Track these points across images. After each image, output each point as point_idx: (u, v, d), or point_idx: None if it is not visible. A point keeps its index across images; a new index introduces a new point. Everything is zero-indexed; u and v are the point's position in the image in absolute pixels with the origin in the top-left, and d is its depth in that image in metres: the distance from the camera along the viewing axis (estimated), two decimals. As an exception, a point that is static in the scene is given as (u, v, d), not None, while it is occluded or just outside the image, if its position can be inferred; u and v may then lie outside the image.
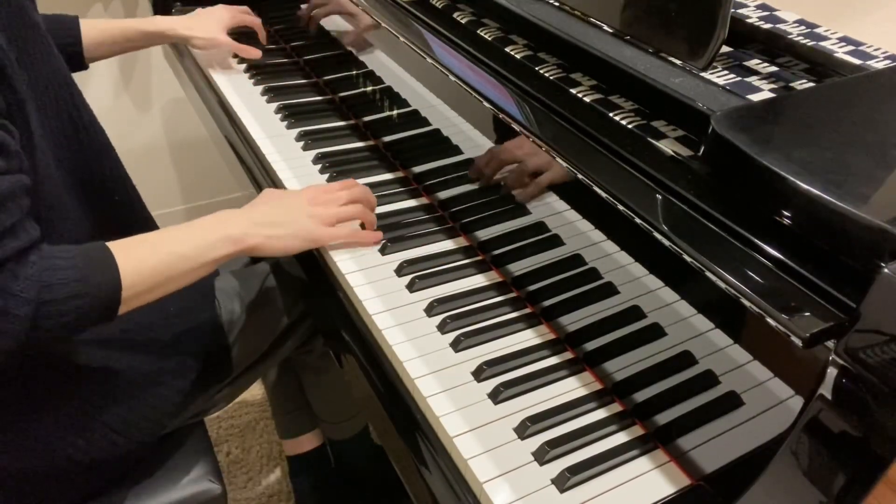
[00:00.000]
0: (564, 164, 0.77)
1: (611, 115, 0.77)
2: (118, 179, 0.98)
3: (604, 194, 0.71)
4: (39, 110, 0.82)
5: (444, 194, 1.04)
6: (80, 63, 1.18)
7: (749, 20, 0.87)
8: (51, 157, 0.83)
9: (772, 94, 0.74)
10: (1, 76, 0.72)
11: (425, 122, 1.08)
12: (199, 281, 1.04)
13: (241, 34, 1.39)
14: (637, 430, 0.73)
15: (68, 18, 1.17)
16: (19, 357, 0.69)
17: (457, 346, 0.81)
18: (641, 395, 0.74)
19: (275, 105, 1.29)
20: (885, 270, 0.50)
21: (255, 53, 1.36)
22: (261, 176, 1.15)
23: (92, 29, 1.19)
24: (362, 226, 0.97)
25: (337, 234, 0.93)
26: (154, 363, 0.94)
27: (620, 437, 0.73)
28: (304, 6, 1.42)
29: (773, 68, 0.80)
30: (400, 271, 0.92)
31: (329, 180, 1.10)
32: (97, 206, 0.92)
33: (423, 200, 1.06)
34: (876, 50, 0.80)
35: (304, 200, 0.93)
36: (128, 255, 0.76)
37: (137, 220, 1.00)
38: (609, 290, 0.79)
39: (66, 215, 0.85)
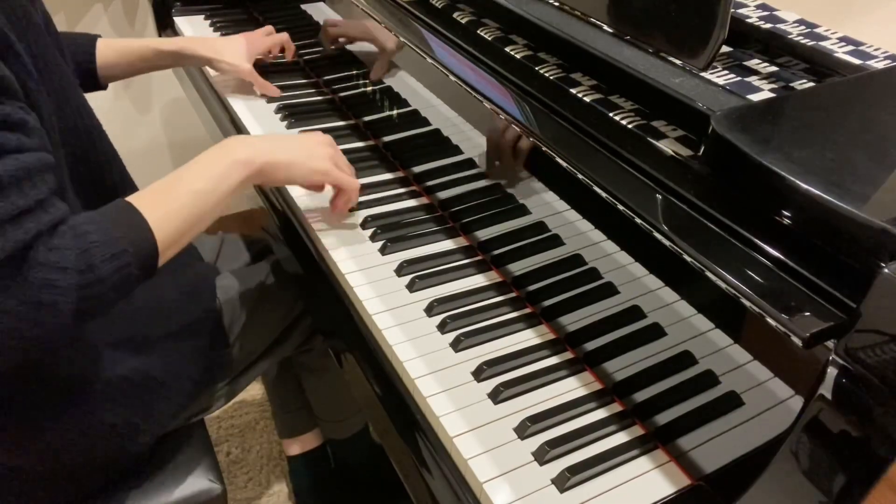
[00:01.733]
0: (565, 164, 0.77)
1: (611, 115, 0.77)
2: (124, 182, 0.98)
3: (604, 194, 0.71)
4: (55, 111, 0.82)
5: (444, 194, 1.04)
6: (94, 82, 1.17)
7: (749, 20, 0.87)
8: (62, 157, 0.83)
9: (772, 94, 0.74)
10: (21, 79, 0.72)
11: (425, 122, 1.08)
12: (200, 280, 1.05)
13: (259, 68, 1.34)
14: (637, 430, 0.73)
15: (86, 37, 1.15)
16: (72, 335, 0.68)
17: (457, 346, 0.81)
18: (641, 395, 0.74)
19: (275, 105, 1.29)
20: (885, 270, 0.50)
21: (273, 92, 1.31)
22: (261, 176, 1.15)
23: (108, 48, 1.17)
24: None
25: (341, 178, 0.94)
26: (156, 363, 0.94)
27: (620, 437, 0.73)
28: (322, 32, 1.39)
29: (773, 68, 0.80)
30: (400, 271, 0.92)
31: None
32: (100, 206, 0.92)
33: (423, 200, 1.06)
34: (876, 50, 0.80)
35: (312, 137, 0.95)
36: (151, 206, 0.76)
37: None
38: (609, 290, 0.79)
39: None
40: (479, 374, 0.78)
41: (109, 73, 1.19)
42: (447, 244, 0.97)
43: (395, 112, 1.16)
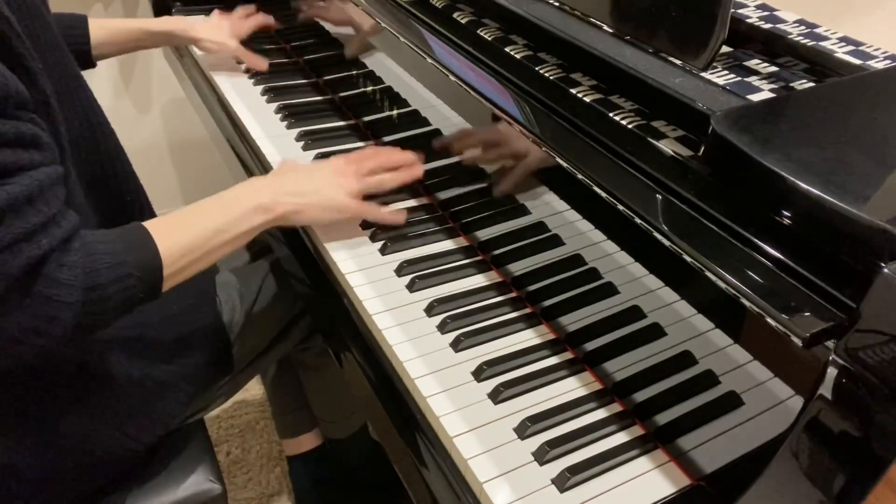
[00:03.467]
0: (565, 164, 0.77)
1: (611, 115, 0.77)
2: (129, 179, 0.98)
3: (604, 194, 0.71)
4: (61, 108, 0.82)
5: (444, 194, 1.04)
6: (87, 61, 1.19)
7: (749, 20, 0.87)
8: (69, 155, 0.84)
9: (772, 94, 0.74)
10: (30, 77, 0.73)
11: (425, 122, 1.08)
12: (199, 278, 1.04)
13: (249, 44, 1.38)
14: (637, 430, 0.73)
15: (76, 17, 1.17)
16: (74, 345, 0.71)
17: (457, 346, 0.81)
18: (641, 395, 0.74)
19: (275, 105, 1.29)
20: (885, 270, 0.50)
21: (262, 65, 1.35)
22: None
23: (99, 28, 1.19)
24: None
25: (365, 210, 0.95)
26: (157, 363, 0.94)
27: (620, 437, 0.73)
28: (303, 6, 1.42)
29: (773, 68, 0.80)
30: (400, 271, 0.92)
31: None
32: (107, 206, 0.92)
33: (424, 200, 1.06)
34: (876, 50, 0.80)
35: (330, 171, 0.93)
36: (164, 233, 0.77)
37: (144, 220, 1.00)
38: (609, 290, 0.79)
39: (79, 211, 0.85)
40: (479, 374, 0.78)
41: (100, 53, 1.21)
42: (447, 244, 0.97)
43: (395, 112, 1.16)
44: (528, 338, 0.84)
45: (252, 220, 0.85)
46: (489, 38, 0.96)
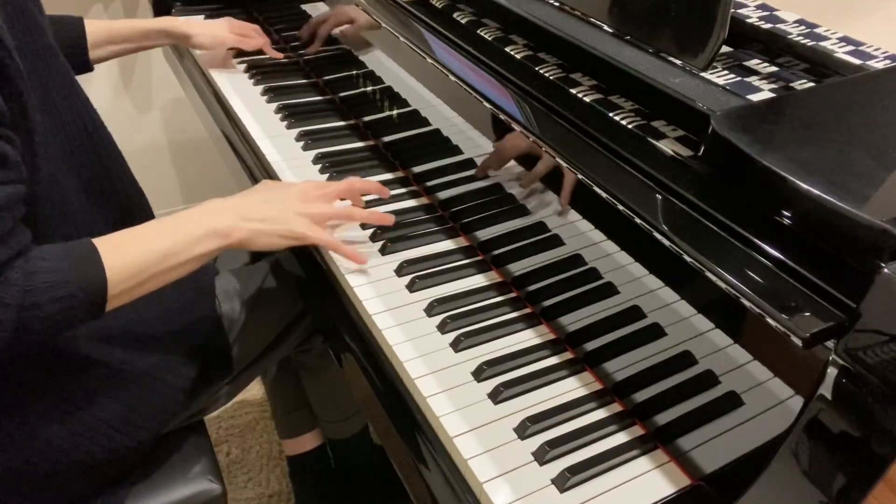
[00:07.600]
0: (565, 164, 0.77)
1: (611, 115, 0.77)
2: (130, 181, 0.98)
3: (604, 194, 0.71)
4: (50, 114, 0.82)
5: (444, 194, 1.04)
6: (84, 64, 1.18)
7: (749, 20, 0.87)
8: (61, 162, 0.83)
9: (772, 94, 0.74)
10: (4, 78, 0.72)
11: (425, 122, 1.08)
12: (199, 279, 1.04)
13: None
14: (637, 430, 0.73)
15: (73, 19, 1.16)
16: (8, 360, 0.69)
17: (457, 346, 0.81)
18: (641, 395, 0.74)
19: (275, 105, 1.29)
20: (885, 270, 0.50)
21: (256, 44, 1.36)
22: (261, 176, 1.15)
23: (96, 30, 1.19)
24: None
25: (324, 239, 0.91)
26: (155, 361, 0.94)
27: (620, 437, 0.73)
28: (309, 23, 1.41)
29: (773, 68, 0.80)
30: (400, 271, 0.92)
31: (329, 180, 1.10)
32: (111, 210, 0.92)
33: (423, 200, 1.06)
34: (876, 50, 0.80)
35: (295, 195, 0.91)
36: (114, 251, 0.75)
37: (146, 221, 1.01)
38: (609, 290, 0.79)
39: (78, 219, 0.85)
40: (479, 374, 0.78)
41: (98, 55, 1.21)
42: (447, 244, 0.97)
43: (395, 112, 1.16)
44: (528, 338, 0.84)
45: (206, 245, 0.82)
46: (489, 38, 0.96)
